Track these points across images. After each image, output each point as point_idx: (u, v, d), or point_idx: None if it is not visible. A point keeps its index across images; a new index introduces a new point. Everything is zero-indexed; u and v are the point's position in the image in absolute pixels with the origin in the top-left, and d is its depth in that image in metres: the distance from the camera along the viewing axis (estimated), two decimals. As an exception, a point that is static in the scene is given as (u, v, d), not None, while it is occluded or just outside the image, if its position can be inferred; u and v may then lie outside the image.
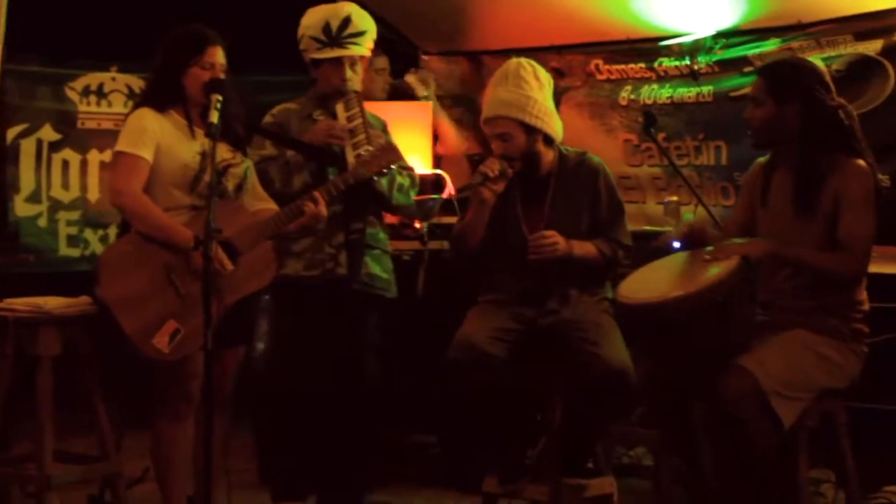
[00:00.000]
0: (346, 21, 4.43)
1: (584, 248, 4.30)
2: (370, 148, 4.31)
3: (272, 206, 4.19)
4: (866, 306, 3.96)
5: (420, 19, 6.50)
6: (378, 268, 4.54)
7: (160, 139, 3.91)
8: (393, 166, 4.32)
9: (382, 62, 5.92)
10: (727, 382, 3.73)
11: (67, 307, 4.33)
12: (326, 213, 4.16)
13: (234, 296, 3.90)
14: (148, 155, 3.88)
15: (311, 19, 4.48)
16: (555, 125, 4.35)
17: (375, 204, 4.50)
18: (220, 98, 3.83)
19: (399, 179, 4.51)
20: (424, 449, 5.45)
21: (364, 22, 4.49)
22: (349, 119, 4.38)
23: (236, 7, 4.65)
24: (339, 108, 4.42)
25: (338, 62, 4.44)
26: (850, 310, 3.92)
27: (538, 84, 4.32)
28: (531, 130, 4.28)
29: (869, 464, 4.24)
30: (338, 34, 4.42)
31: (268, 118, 4.52)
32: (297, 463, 4.56)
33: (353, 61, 4.46)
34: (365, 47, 4.50)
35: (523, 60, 4.39)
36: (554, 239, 4.23)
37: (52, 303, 4.33)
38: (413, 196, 4.67)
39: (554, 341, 4.23)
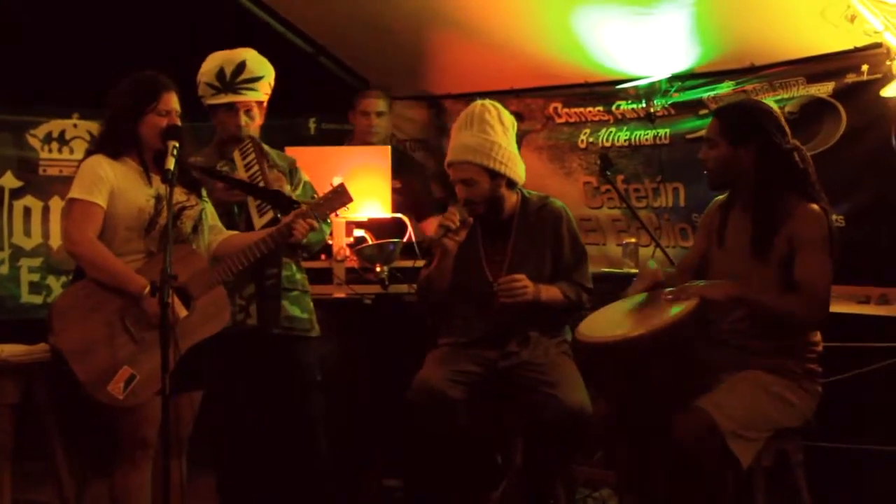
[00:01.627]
0: (241, 67, 4.42)
1: (551, 292, 4.32)
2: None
3: (234, 232, 4.22)
4: (820, 347, 3.99)
5: (380, 64, 6.53)
6: (297, 309, 4.51)
7: (114, 184, 3.90)
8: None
9: (382, 105, 5.87)
10: (684, 424, 3.74)
11: (25, 355, 4.31)
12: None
13: (189, 341, 3.89)
14: (102, 201, 3.86)
15: (208, 66, 4.47)
16: (518, 169, 4.37)
17: (288, 246, 4.41)
18: (178, 144, 3.85)
19: None
20: (390, 493, 5.42)
21: (261, 67, 4.48)
22: (246, 167, 4.39)
23: (197, 51, 4.63)
24: (237, 155, 4.43)
25: (232, 108, 4.45)
26: (804, 350, 3.94)
27: (503, 128, 4.33)
28: (495, 175, 4.30)
29: (827, 502, 4.26)
30: (231, 80, 4.42)
31: None
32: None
33: (247, 107, 4.46)
34: (261, 93, 4.50)
35: (487, 103, 4.40)
36: (524, 283, 4.24)
37: (10, 350, 4.31)
38: (327, 231, 4.67)
39: (512, 382, 4.24)
